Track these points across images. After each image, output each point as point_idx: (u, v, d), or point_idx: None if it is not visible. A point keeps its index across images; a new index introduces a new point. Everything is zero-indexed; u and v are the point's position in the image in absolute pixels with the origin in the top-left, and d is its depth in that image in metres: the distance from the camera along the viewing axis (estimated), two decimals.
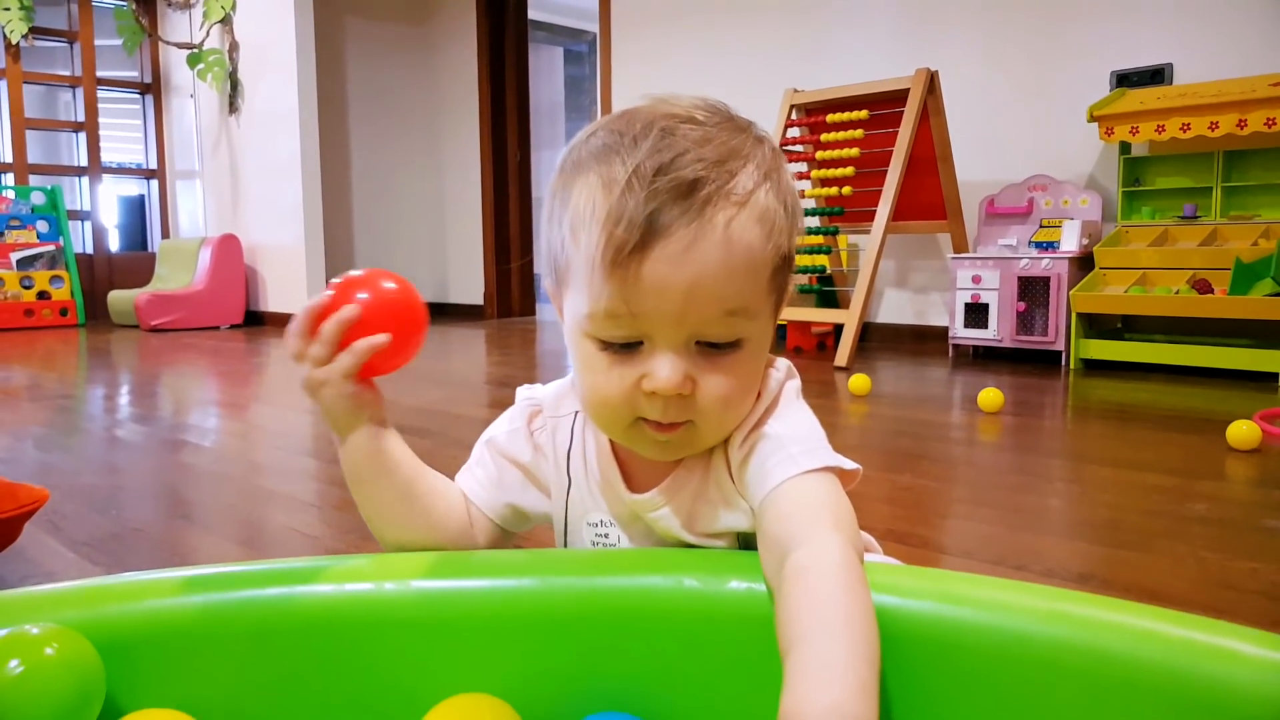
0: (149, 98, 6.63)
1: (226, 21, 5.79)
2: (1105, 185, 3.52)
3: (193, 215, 6.53)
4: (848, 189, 3.65)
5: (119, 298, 5.74)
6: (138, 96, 6.65)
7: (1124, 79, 3.41)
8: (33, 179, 6.11)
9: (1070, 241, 3.39)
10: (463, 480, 0.69)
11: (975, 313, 3.54)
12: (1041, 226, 3.57)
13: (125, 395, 3.11)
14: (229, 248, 5.72)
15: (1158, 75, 3.34)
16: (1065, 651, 0.49)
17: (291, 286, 5.63)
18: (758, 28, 4.52)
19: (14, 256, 5.64)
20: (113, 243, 6.56)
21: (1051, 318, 3.34)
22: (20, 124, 6.02)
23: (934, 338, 3.99)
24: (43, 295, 5.68)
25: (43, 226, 5.79)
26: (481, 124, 6.23)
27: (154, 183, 6.74)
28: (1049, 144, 3.64)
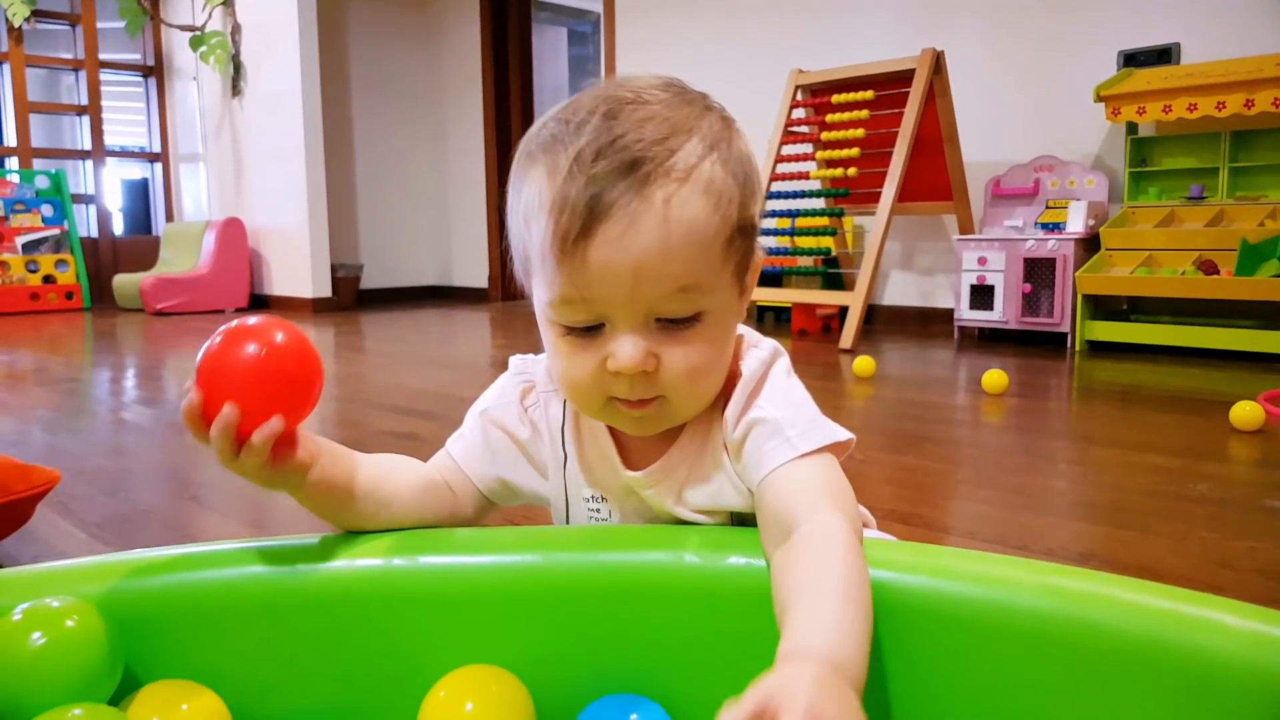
0: (152, 80, 6.62)
1: (229, 3, 5.77)
2: (1112, 166, 3.50)
3: (196, 199, 6.53)
4: (853, 170, 3.64)
5: (124, 281, 5.75)
6: (140, 79, 6.64)
7: (1131, 59, 3.38)
8: (37, 163, 6.12)
9: (1076, 223, 3.38)
10: (454, 447, 0.69)
11: (981, 294, 3.53)
12: (1047, 207, 3.56)
13: (131, 378, 3.12)
14: (233, 231, 5.73)
15: (1165, 55, 3.32)
16: (1055, 624, 0.50)
17: (295, 270, 5.64)
18: (763, 7, 4.50)
19: (19, 241, 5.65)
20: (117, 226, 6.57)
21: (1057, 299, 3.33)
22: (24, 107, 6.02)
23: (939, 320, 3.99)
24: (48, 279, 5.70)
25: (47, 210, 5.80)
26: (485, 106, 6.21)
27: (157, 166, 6.74)
28: (1055, 124, 3.62)
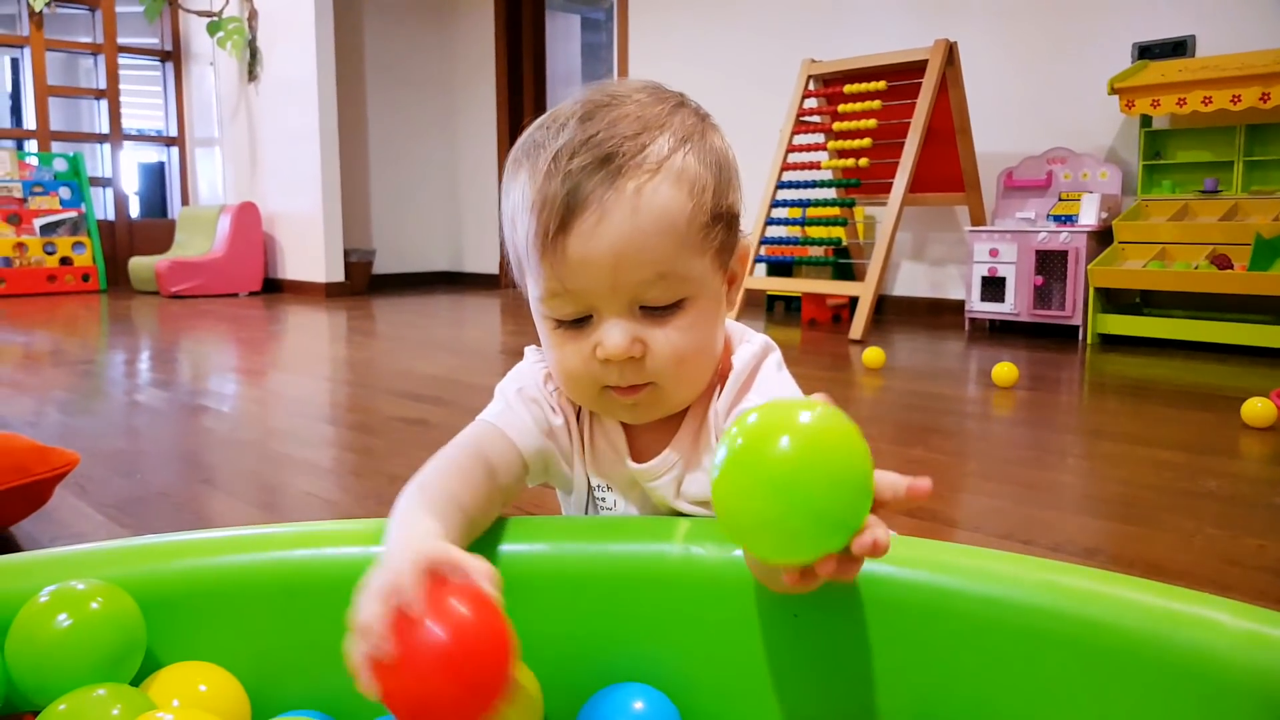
0: (169, 65, 6.64)
1: None
2: (1125, 158, 3.48)
3: (212, 182, 6.56)
4: (865, 160, 3.63)
5: (140, 264, 5.79)
6: (158, 64, 6.67)
7: (1146, 50, 3.36)
8: (55, 146, 6.16)
9: (1089, 215, 3.36)
10: (500, 420, 0.65)
11: (992, 286, 3.52)
12: (1060, 200, 3.54)
13: (146, 361, 3.15)
14: (248, 215, 5.76)
15: (1180, 47, 3.29)
16: (1053, 620, 0.51)
17: (309, 254, 5.67)
18: None
19: (37, 223, 5.69)
20: (133, 209, 6.61)
21: (1069, 292, 3.32)
22: (43, 91, 6.05)
23: (950, 311, 3.98)
24: (65, 261, 5.74)
25: (65, 193, 5.84)
26: (498, 93, 6.21)
27: (174, 150, 6.77)
28: (1069, 116, 3.60)
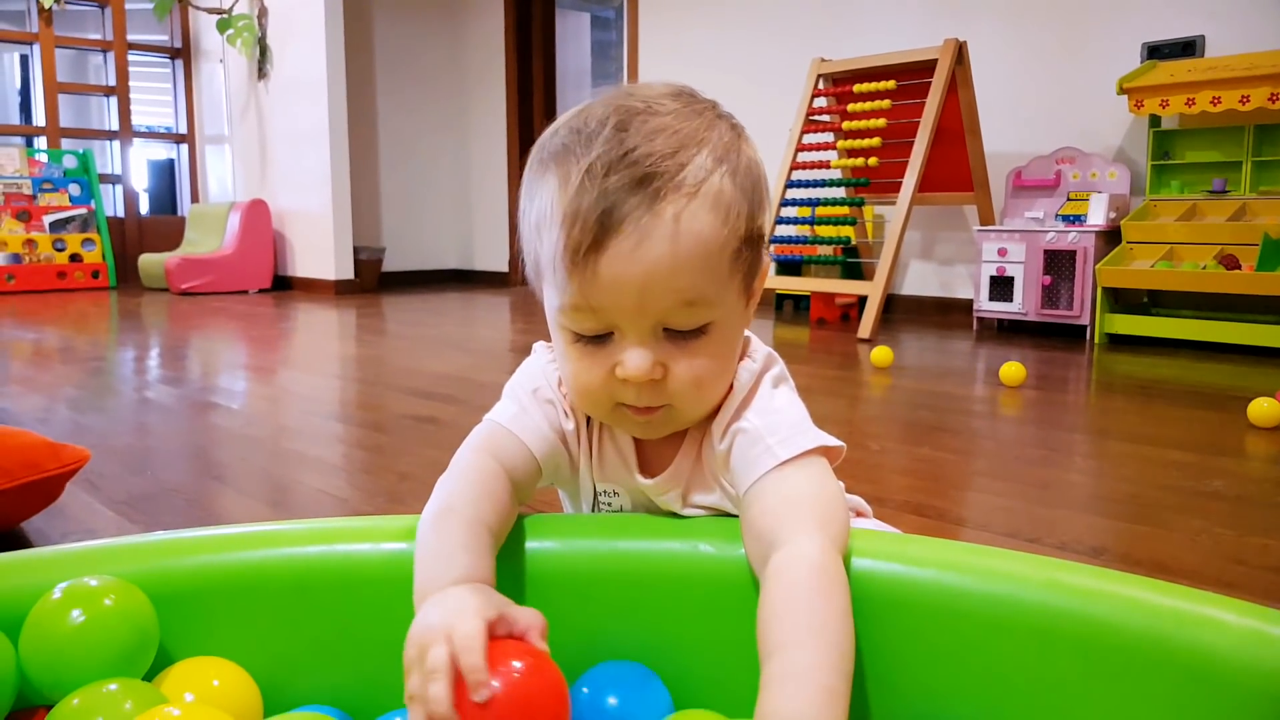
0: (179, 62, 6.67)
1: None
2: (1134, 158, 3.47)
3: (222, 180, 6.59)
4: (874, 160, 3.62)
5: (149, 261, 5.82)
6: (168, 61, 6.69)
7: (1155, 50, 3.35)
8: (65, 142, 6.19)
9: (1097, 215, 3.35)
10: (512, 423, 0.65)
11: (1000, 286, 3.52)
12: (1069, 199, 3.53)
13: (156, 358, 3.17)
14: (257, 213, 5.78)
15: (1189, 47, 3.28)
16: (1058, 618, 0.51)
17: (319, 252, 5.69)
18: None
19: (47, 220, 5.72)
20: (143, 206, 6.64)
21: (1077, 291, 3.32)
22: (53, 88, 6.08)
23: (958, 310, 3.98)
24: (75, 258, 5.77)
25: (75, 190, 5.87)
26: (508, 90, 6.22)
27: (183, 147, 6.80)
28: (1078, 116, 3.59)
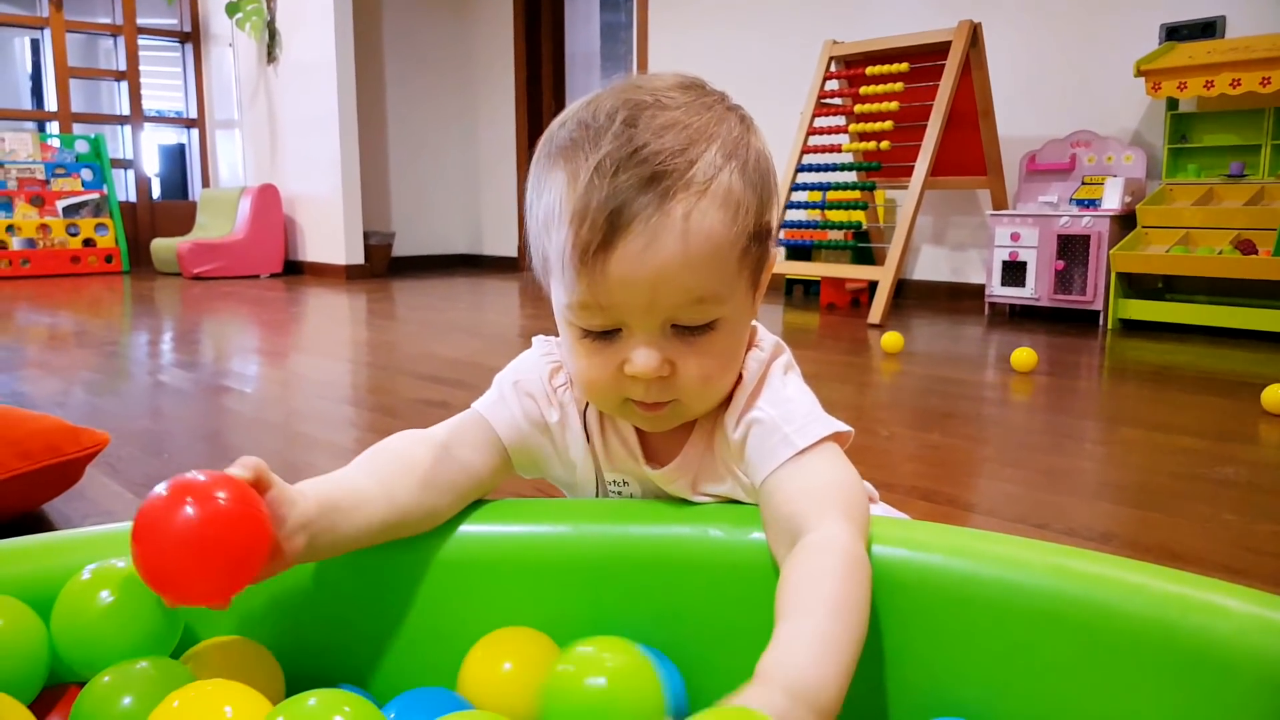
0: (188, 46, 6.67)
1: None
2: (1150, 142, 3.44)
3: (232, 164, 6.60)
4: (886, 143, 3.60)
5: (162, 245, 5.85)
6: (177, 45, 6.70)
7: (1174, 32, 3.32)
8: (76, 127, 6.21)
9: (1112, 199, 3.33)
10: (487, 410, 0.67)
11: (1013, 271, 3.51)
12: (1083, 183, 3.51)
13: (170, 342, 3.19)
14: (268, 198, 5.79)
15: (1209, 28, 3.25)
16: (1061, 603, 0.52)
17: (329, 236, 5.70)
18: None
19: (60, 205, 5.75)
20: (154, 191, 6.66)
21: (1090, 277, 3.30)
22: (64, 72, 6.10)
23: (970, 295, 3.97)
24: (88, 243, 5.80)
25: (87, 175, 5.89)
26: (516, 73, 6.20)
27: (194, 131, 6.81)
28: (1093, 99, 3.57)
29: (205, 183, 6.79)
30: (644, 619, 0.62)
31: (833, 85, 3.92)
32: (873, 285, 3.77)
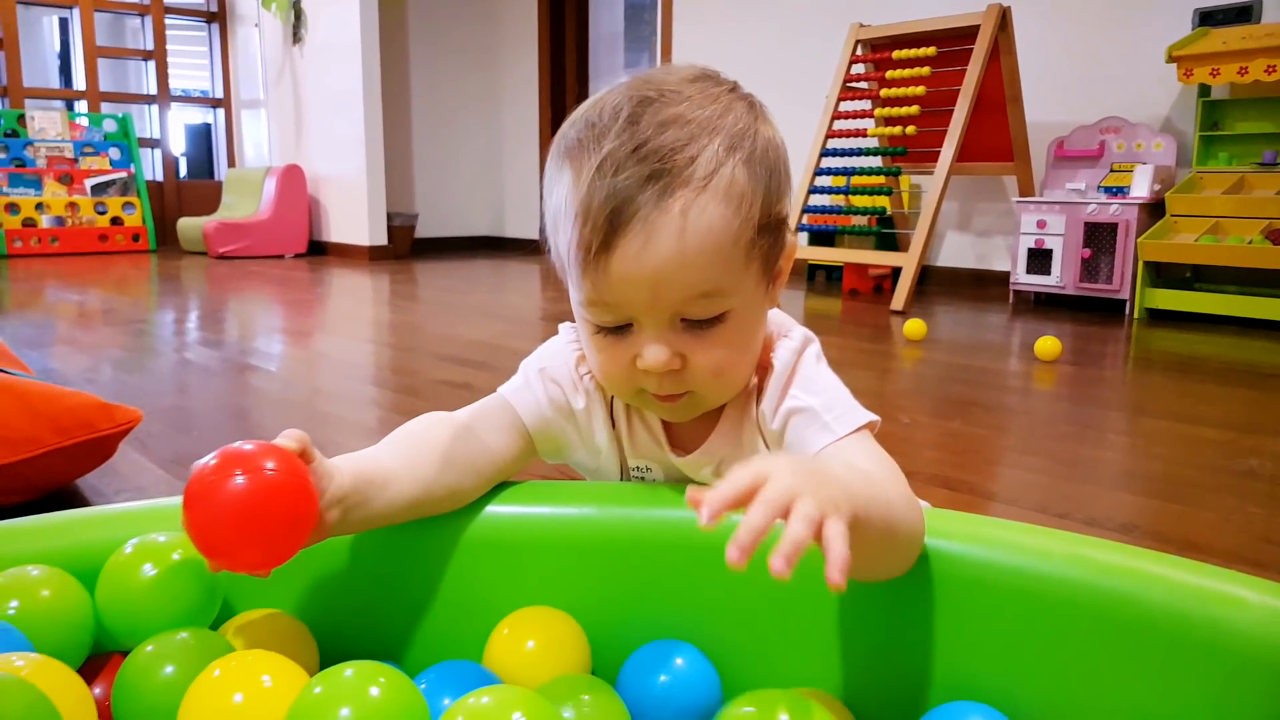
0: (215, 26, 6.70)
1: None
2: (1181, 129, 3.40)
3: (258, 144, 6.64)
4: (912, 128, 3.57)
5: (188, 225, 5.90)
6: (204, 25, 6.73)
7: (1208, 17, 3.26)
8: (104, 106, 6.26)
9: (1141, 187, 3.29)
10: (512, 394, 0.68)
11: (1038, 258, 3.48)
12: (1112, 171, 3.47)
13: (196, 321, 3.23)
14: (293, 178, 5.83)
15: (1244, 13, 3.19)
16: (1079, 592, 0.53)
17: (353, 217, 5.73)
18: None
19: (88, 183, 5.81)
20: (181, 170, 6.72)
21: (1118, 265, 3.27)
22: (92, 52, 6.14)
23: (995, 283, 3.94)
24: (116, 221, 5.87)
25: (115, 154, 5.95)
26: (540, 54, 6.19)
27: (220, 111, 6.86)
28: (1124, 85, 3.52)
29: (231, 162, 6.83)
30: (665, 600, 0.63)
31: (859, 69, 3.88)
32: (896, 271, 3.75)
